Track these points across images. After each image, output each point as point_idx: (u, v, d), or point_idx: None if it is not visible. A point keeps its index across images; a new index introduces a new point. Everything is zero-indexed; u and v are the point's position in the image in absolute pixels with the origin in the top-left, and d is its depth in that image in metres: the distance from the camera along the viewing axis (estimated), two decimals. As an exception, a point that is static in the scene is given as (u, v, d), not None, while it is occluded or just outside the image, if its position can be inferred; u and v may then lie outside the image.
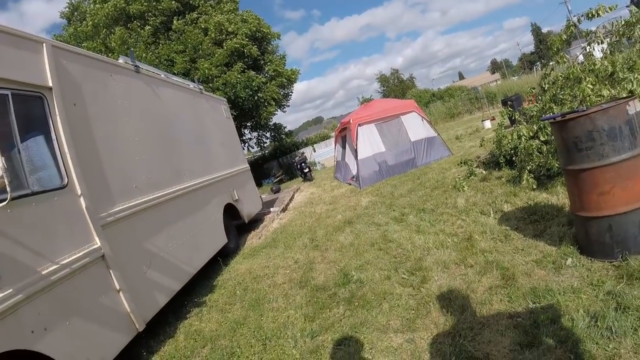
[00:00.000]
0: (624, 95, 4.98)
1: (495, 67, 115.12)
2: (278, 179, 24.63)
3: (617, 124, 3.49)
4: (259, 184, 19.55)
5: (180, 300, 5.96)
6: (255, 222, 10.54)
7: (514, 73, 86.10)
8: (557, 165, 5.98)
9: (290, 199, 13.95)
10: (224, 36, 21.50)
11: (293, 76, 25.00)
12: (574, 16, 6.34)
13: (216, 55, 20.96)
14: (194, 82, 9.57)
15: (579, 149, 3.59)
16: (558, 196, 5.57)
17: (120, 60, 6.12)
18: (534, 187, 6.20)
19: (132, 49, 12.09)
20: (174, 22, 21.58)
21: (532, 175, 6.41)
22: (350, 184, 13.24)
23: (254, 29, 22.40)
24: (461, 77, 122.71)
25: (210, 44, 21.27)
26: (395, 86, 64.52)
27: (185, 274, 5.86)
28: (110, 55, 19.24)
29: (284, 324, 4.29)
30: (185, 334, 4.84)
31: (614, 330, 2.71)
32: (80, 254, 3.87)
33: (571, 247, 3.96)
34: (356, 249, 6.03)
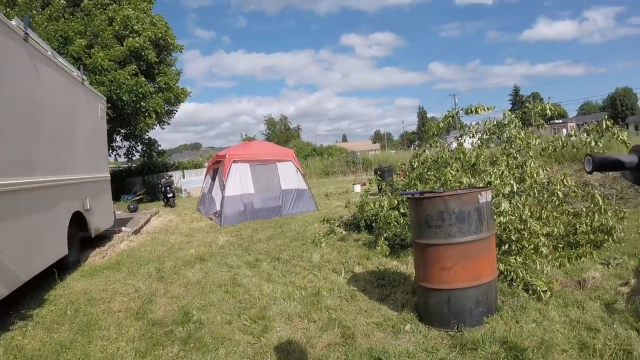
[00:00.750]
0: (481, 186, 5.63)
1: (377, 137, 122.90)
2: (139, 197, 23.33)
3: (467, 209, 3.89)
4: (116, 198, 18.37)
5: (5, 308, 5.30)
6: (103, 238, 9.77)
7: (393, 147, 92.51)
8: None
9: (146, 222, 13.26)
10: (127, 32, 20.40)
11: (182, 95, 24.22)
12: (454, 109, 7.03)
13: (114, 49, 19.79)
14: (78, 69, 8.94)
15: (429, 226, 3.98)
16: (407, 265, 5.99)
17: (13, 22, 5.59)
18: (387, 253, 6.62)
19: (27, 14, 11.10)
20: (85, 0, 20.12)
21: (387, 243, 6.83)
22: (211, 219, 12.99)
23: (160, 35, 21.59)
24: (344, 139, 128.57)
25: (111, 36, 20.05)
26: (281, 132, 65.73)
27: (16, 280, 5.16)
28: (8, 10, 17.44)
29: (113, 356, 3.97)
30: (5, 348, 4.26)
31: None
32: None
33: (412, 313, 4.26)
34: (202, 288, 5.87)
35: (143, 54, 20.70)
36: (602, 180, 10.51)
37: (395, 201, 7.27)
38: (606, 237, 6.17)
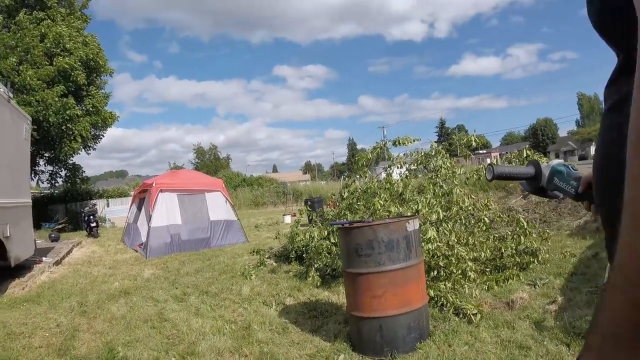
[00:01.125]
0: (409, 214, 5.84)
1: (308, 168, 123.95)
2: (60, 226, 22.17)
3: (396, 237, 4.03)
4: (37, 226, 17.42)
5: None
6: (22, 268, 9.23)
7: (323, 177, 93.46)
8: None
9: (68, 252, 12.60)
10: (59, 50, 19.72)
11: (110, 119, 23.54)
12: (383, 141, 7.36)
13: (44, 68, 19.00)
14: (5, 85, 8.57)
15: (359, 255, 4.11)
16: (339, 295, 6.12)
17: None
18: (318, 284, 6.75)
19: None
20: (21, 14, 19.22)
21: (319, 273, 6.97)
22: (136, 251, 12.59)
23: (91, 55, 21.00)
24: (275, 169, 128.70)
25: (42, 53, 19.26)
26: (210, 162, 64.77)
27: None
28: None
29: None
30: None
31: None
32: None
33: (345, 343, 4.35)
34: (128, 323, 5.72)
35: (72, 74, 20.07)
36: (525, 206, 11.24)
37: (326, 232, 7.45)
38: (532, 258, 6.54)
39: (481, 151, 70.23)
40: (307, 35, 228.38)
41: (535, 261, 6.57)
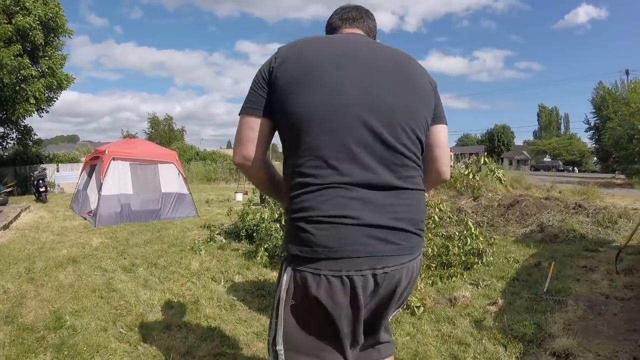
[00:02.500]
0: None
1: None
2: (9, 189, 21.23)
3: None
4: (-16, 189, 16.73)
5: None
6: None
7: (279, 158, 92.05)
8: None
9: (16, 217, 12.13)
10: (18, 9, 18.53)
11: (66, 82, 22.28)
12: None
13: (2, 26, 17.86)
14: None
15: None
16: None
17: None
18: (267, 264, 6.84)
19: None
20: None
21: (268, 254, 7.03)
22: (85, 219, 12.25)
23: (51, 15, 19.76)
24: (229, 145, 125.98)
25: (0, 11, 18.14)
26: (164, 132, 62.76)
27: None
28: None
29: (-22, 363, 3.76)
30: None
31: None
32: None
33: None
34: (75, 292, 5.65)
35: (30, 34, 18.93)
36: (475, 208, 11.42)
37: (277, 214, 7.51)
38: (476, 259, 6.67)
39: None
40: (275, 12, 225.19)
41: (480, 262, 6.72)
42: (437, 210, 6.64)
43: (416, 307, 4.73)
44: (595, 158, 63.87)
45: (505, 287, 5.78)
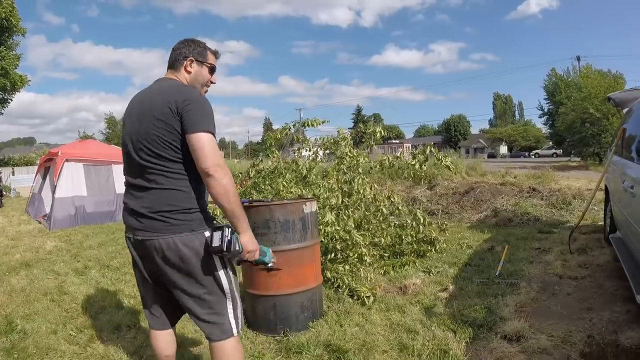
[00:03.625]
0: (309, 197, 5.55)
1: (222, 145, 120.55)
2: (-36, 194, 20.49)
3: (292, 218, 4.05)
4: None
5: None
6: None
7: (238, 155, 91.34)
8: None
9: (-31, 221, 11.88)
10: None
11: (20, 83, 21.65)
12: (294, 122, 7.38)
13: None
14: None
15: (255, 233, 3.95)
16: (239, 272, 6.25)
17: None
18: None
19: None
20: None
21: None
22: (40, 222, 12.05)
23: (4, 14, 19.15)
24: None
25: None
26: (122, 132, 61.36)
27: None
28: None
29: None
30: None
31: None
32: None
33: None
34: (27, 296, 5.67)
35: (-18, 33, 18.36)
36: (430, 197, 11.45)
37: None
38: (429, 247, 6.63)
39: (394, 141, 72.14)
40: (234, 10, 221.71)
41: (433, 250, 6.67)
42: (385, 202, 6.65)
43: (366, 297, 4.70)
44: (550, 143, 65.00)
45: (458, 273, 5.74)
